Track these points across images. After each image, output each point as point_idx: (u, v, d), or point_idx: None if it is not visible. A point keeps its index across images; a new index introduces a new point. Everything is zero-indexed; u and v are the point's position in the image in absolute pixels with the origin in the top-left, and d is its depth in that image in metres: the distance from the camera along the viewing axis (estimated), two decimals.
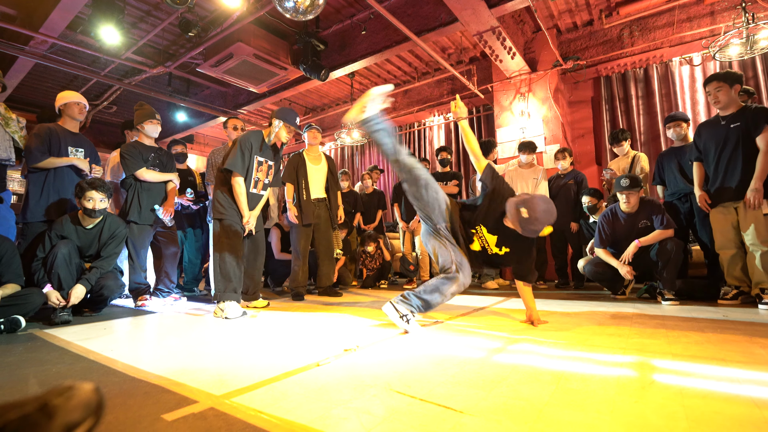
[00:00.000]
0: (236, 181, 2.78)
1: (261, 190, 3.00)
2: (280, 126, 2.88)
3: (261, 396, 1.11)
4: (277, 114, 2.89)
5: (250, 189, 2.89)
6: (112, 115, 7.97)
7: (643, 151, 4.91)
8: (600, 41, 5.35)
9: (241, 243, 2.87)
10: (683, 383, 1.14)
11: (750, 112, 2.65)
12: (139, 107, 3.38)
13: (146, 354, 1.66)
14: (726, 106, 2.73)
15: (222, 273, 2.74)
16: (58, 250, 2.56)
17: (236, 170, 2.77)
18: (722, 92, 2.67)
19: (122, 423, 0.95)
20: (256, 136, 2.89)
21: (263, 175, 2.97)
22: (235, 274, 2.76)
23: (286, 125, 2.89)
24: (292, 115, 2.91)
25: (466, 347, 1.63)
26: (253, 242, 3.06)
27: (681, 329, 1.91)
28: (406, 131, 7.42)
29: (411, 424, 0.91)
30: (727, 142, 2.73)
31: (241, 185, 2.79)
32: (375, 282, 4.68)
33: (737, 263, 2.76)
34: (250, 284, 3.09)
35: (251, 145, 2.83)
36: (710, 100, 2.79)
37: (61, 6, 4.02)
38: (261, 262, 3.16)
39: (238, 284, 2.78)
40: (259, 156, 2.90)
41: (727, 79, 2.67)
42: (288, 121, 2.88)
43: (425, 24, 4.63)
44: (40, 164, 2.95)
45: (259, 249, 3.11)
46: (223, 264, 2.75)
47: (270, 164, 3.01)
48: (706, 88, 2.80)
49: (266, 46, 5.12)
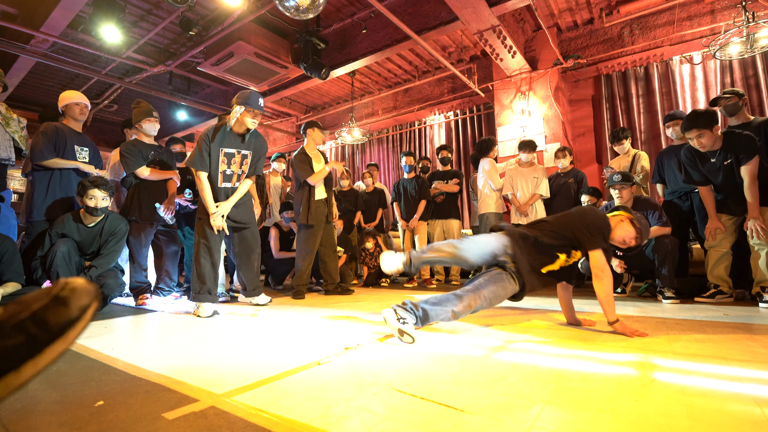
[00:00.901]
0: (198, 177, 2.69)
1: (235, 183, 2.87)
2: (240, 111, 2.68)
3: (262, 394, 1.11)
4: (237, 99, 2.69)
5: (220, 183, 2.77)
6: (112, 113, 7.98)
7: (644, 150, 4.91)
8: (600, 40, 5.34)
9: (218, 244, 2.80)
10: (684, 382, 1.14)
11: (737, 142, 2.64)
12: (136, 105, 3.38)
13: (147, 353, 1.66)
14: (711, 147, 2.71)
15: (197, 274, 2.70)
16: (57, 248, 2.56)
17: (194, 167, 2.68)
18: (705, 138, 2.65)
19: (123, 421, 0.95)
20: (219, 128, 2.75)
21: (237, 166, 2.83)
22: (209, 275, 2.71)
23: (249, 110, 2.68)
24: (255, 97, 2.70)
25: (466, 346, 1.64)
26: (242, 239, 2.97)
27: (681, 327, 1.91)
28: (406, 130, 7.41)
29: (412, 422, 0.91)
30: (722, 174, 2.75)
31: (202, 180, 2.68)
32: (376, 280, 4.68)
33: (723, 263, 2.82)
34: (247, 281, 3.02)
35: (209, 138, 2.70)
36: (693, 144, 2.74)
37: (62, 5, 4.03)
38: (255, 258, 3.04)
39: (213, 285, 2.72)
40: (226, 148, 2.76)
41: (707, 125, 2.63)
42: (250, 105, 2.67)
43: (426, 22, 4.63)
44: (45, 162, 2.98)
45: (251, 245, 2.99)
46: (198, 265, 2.71)
47: (244, 153, 2.84)
48: (686, 134, 2.74)
49: (267, 44, 5.11)
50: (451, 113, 6.80)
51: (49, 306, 0.51)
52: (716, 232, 2.82)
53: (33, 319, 0.50)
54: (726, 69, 4.69)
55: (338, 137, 6.83)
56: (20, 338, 0.48)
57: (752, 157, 2.58)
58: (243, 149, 2.84)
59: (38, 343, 0.49)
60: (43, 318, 0.50)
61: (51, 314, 0.51)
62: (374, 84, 7.12)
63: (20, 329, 0.49)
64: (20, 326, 0.49)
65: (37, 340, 0.49)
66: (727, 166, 2.70)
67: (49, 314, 0.51)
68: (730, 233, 2.83)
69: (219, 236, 2.80)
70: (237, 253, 3.00)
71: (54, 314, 0.51)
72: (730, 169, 2.70)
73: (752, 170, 2.59)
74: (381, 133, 7.74)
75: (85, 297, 0.54)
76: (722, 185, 2.78)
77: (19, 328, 0.49)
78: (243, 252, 3.00)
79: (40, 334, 0.49)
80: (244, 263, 3.01)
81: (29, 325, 0.49)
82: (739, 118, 3.04)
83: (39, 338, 0.49)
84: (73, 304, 0.52)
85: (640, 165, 3.76)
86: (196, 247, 2.76)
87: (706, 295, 2.80)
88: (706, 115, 2.63)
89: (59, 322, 0.51)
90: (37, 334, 0.49)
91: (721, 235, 2.81)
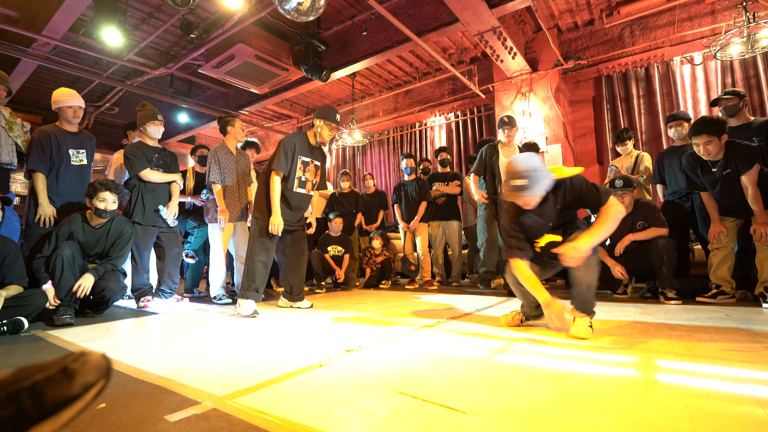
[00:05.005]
0: (273, 179, 2.78)
1: (310, 191, 3.02)
2: (321, 125, 2.88)
3: (263, 397, 1.11)
4: (318, 114, 2.91)
5: (295, 188, 2.89)
6: (114, 116, 8.00)
7: (645, 150, 4.90)
8: (601, 41, 5.34)
9: (273, 245, 2.89)
10: (686, 383, 1.14)
11: (736, 153, 2.63)
12: (141, 108, 3.38)
13: (149, 355, 1.67)
14: (715, 156, 2.70)
15: (248, 271, 2.80)
16: (61, 251, 2.57)
17: (279, 169, 2.79)
18: (712, 145, 2.64)
19: (125, 423, 0.95)
20: (299, 137, 2.91)
21: (311, 175, 2.99)
22: (260, 274, 2.79)
23: (327, 123, 2.88)
24: (333, 112, 2.91)
25: (468, 347, 1.63)
26: (295, 241, 3.05)
27: (683, 328, 1.91)
28: (407, 131, 7.42)
29: (413, 424, 0.91)
30: (720, 184, 2.75)
31: (276, 183, 2.78)
32: (377, 282, 4.68)
33: (726, 263, 2.81)
34: (294, 284, 3.05)
35: (294, 146, 2.86)
36: (698, 150, 2.71)
37: (63, 8, 4.04)
38: (304, 262, 3.12)
39: (261, 285, 2.80)
40: (305, 156, 2.91)
41: (717, 133, 2.62)
42: (329, 119, 2.88)
43: (426, 24, 4.64)
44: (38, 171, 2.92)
45: (302, 248, 3.09)
46: (251, 263, 2.80)
47: (317, 164, 3.02)
48: (694, 139, 2.70)
49: (267, 47, 5.13)
50: (451, 115, 6.81)
51: (53, 378, 0.48)
52: (719, 236, 2.82)
53: (31, 390, 0.46)
54: (727, 69, 4.69)
55: (339, 139, 6.84)
56: (10, 410, 0.45)
57: (751, 166, 2.58)
58: (316, 160, 3.02)
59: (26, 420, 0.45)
60: (42, 391, 0.47)
61: (51, 388, 0.47)
62: (375, 86, 7.13)
63: (14, 400, 0.45)
64: (15, 396, 0.46)
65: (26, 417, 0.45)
66: (726, 176, 2.70)
67: (49, 388, 0.47)
68: (733, 234, 2.83)
69: (276, 239, 2.88)
70: (287, 255, 3.07)
71: (54, 389, 0.48)
72: (729, 179, 2.69)
73: (753, 179, 2.59)
74: (382, 135, 7.75)
75: (93, 374, 0.51)
76: (721, 194, 2.78)
77: (14, 398, 0.45)
78: (294, 254, 3.06)
79: (32, 410, 0.46)
80: (294, 266, 3.07)
81: (24, 397, 0.46)
82: (739, 118, 3.03)
83: (29, 414, 0.45)
84: (78, 380, 0.49)
85: (643, 165, 3.75)
86: (251, 245, 2.84)
87: (708, 295, 2.80)
88: (717, 123, 2.63)
89: (56, 399, 0.47)
90: (28, 409, 0.45)
91: (725, 239, 2.81)
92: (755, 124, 2.94)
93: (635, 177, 3.69)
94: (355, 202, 5.02)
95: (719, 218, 2.84)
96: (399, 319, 2.36)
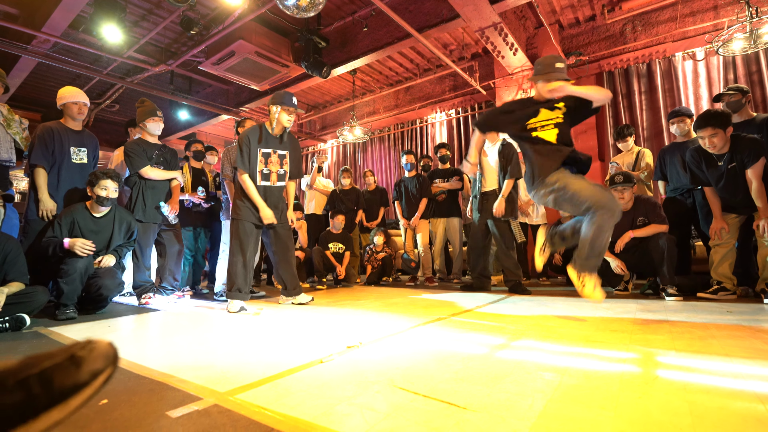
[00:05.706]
0: (242, 178, 2.85)
1: (277, 182, 3.00)
2: (278, 111, 2.87)
3: (265, 392, 1.11)
4: (272, 100, 2.89)
5: (259, 182, 2.90)
6: (114, 113, 8.00)
7: (647, 147, 4.89)
8: (602, 36, 5.32)
9: (252, 243, 2.91)
10: (687, 379, 1.14)
11: (742, 146, 2.63)
12: (141, 104, 3.38)
13: (150, 351, 1.67)
14: (721, 149, 2.69)
15: (229, 272, 2.85)
16: (76, 263, 2.59)
17: (240, 167, 2.85)
18: (718, 137, 2.63)
19: (127, 419, 0.96)
20: (253, 130, 2.92)
21: (275, 166, 2.98)
22: (240, 274, 2.83)
23: (285, 108, 2.87)
24: (288, 96, 2.89)
25: (469, 344, 1.64)
26: (278, 238, 3.04)
27: (684, 325, 1.91)
28: (408, 128, 7.40)
29: (414, 420, 0.91)
30: (724, 178, 2.74)
31: (247, 181, 2.84)
32: (378, 279, 4.69)
33: (727, 260, 2.81)
34: (286, 279, 3.06)
35: (248, 140, 2.87)
36: (704, 143, 2.71)
37: (63, 5, 4.03)
38: (292, 256, 3.11)
39: (243, 284, 2.83)
40: (264, 148, 2.91)
41: (722, 125, 2.61)
42: (285, 103, 2.87)
43: (427, 20, 4.62)
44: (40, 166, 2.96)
45: (286, 243, 3.08)
46: (230, 265, 2.86)
47: (281, 154, 3.00)
48: (699, 132, 2.69)
49: (268, 43, 5.11)
50: (452, 111, 6.79)
51: (61, 365, 0.48)
52: (721, 233, 2.81)
53: (40, 376, 0.46)
54: (729, 65, 4.67)
55: (339, 136, 6.83)
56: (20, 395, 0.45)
57: (757, 159, 2.57)
58: (280, 149, 3.00)
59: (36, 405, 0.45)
60: (50, 378, 0.47)
61: (59, 375, 0.47)
62: (375, 82, 7.11)
63: (24, 386, 0.45)
64: (25, 382, 0.46)
65: (36, 402, 0.46)
66: (731, 170, 2.69)
67: (58, 375, 0.47)
68: (735, 231, 2.83)
69: (252, 237, 2.91)
70: (274, 252, 3.07)
71: (62, 375, 0.48)
72: (734, 173, 2.68)
73: (758, 173, 2.58)
74: (382, 132, 7.73)
75: (100, 361, 0.51)
76: (724, 189, 2.77)
77: (23, 384, 0.45)
78: (280, 250, 3.06)
79: (41, 396, 0.46)
80: (282, 261, 3.06)
81: (33, 383, 0.46)
82: (741, 115, 3.02)
83: (38, 400, 0.46)
84: (86, 368, 0.49)
85: (644, 162, 3.74)
86: (231, 246, 2.89)
87: (709, 291, 2.80)
88: (722, 116, 2.62)
89: (64, 386, 0.47)
90: (37, 395, 0.46)
91: (726, 235, 2.81)
92: (758, 121, 2.93)
93: (636, 174, 3.68)
94: (355, 199, 5.02)
95: (721, 214, 2.84)
96: (400, 315, 2.37)
